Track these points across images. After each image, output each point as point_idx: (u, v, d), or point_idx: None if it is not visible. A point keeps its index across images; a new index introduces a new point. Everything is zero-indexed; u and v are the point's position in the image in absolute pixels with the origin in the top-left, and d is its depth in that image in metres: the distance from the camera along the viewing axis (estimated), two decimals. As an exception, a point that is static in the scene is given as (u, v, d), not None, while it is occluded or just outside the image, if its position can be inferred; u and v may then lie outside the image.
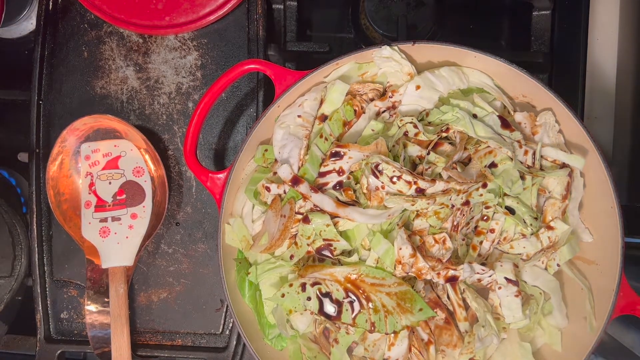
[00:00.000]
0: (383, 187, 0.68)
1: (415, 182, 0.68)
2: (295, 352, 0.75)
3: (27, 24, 0.95)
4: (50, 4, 0.88)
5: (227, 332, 0.86)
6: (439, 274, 0.69)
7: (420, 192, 0.68)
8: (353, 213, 0.69)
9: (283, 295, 0.70)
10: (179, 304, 0.86)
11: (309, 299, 0.69)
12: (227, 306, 0.85)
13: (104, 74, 0.87)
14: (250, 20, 0.86)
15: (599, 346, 0.69)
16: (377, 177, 0.68)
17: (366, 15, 0.91)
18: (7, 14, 0.88)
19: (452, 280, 0.69)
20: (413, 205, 0.68)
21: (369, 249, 0.70)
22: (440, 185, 0.68)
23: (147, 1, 0.84)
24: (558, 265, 0.73)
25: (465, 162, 0.74)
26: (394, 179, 0.68)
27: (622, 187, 0.88)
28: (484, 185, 0.70)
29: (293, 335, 0.74)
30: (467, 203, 0.70)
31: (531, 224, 0.71)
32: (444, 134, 0.73)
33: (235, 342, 0.84)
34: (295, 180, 0.70)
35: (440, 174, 0.71)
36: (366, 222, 0.69)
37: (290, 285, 0.70)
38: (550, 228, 0.72)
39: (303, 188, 0.70)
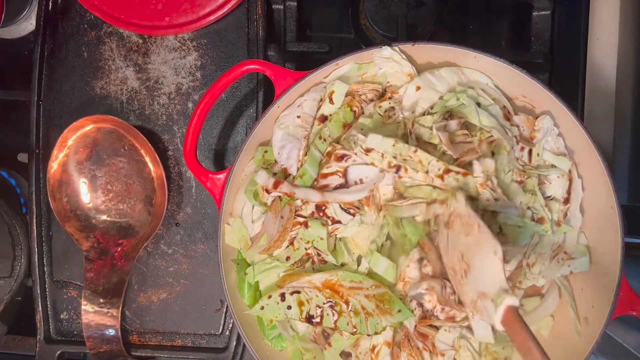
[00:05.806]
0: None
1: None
2: (295, 352, 0.75)
3: (27, 24, 0.95)
4: (50, 4, 0.87)
5: (227, 333, 0.86)
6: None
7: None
8: (339, 195, 0.69)
9: (262, 308, 0.70)
10: (179, 305, 0.86)
11: (289, 307, 0.70)
12: (227, 306, 0.85)
13: (104, 74, 0.87)
14: (250, 21, 0.86)
15: (599, 346, 0.69)
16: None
17: (366, 15, 0.91)
18: (7, 14, 0.88)
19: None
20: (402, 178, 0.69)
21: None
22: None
23: (147, 1, 0.84)
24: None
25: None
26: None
27: (622, 187, 0.88)
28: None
29: (292, 337, 0.74)
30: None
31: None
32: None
33: (235, 343, 0.84)
34: (276, 184, 0.71)
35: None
36: (351, 199, 0.70)
37: (269, 296, 0.70)
38: (553, 229, 0.72)
39: (285, 188, 0.70)
